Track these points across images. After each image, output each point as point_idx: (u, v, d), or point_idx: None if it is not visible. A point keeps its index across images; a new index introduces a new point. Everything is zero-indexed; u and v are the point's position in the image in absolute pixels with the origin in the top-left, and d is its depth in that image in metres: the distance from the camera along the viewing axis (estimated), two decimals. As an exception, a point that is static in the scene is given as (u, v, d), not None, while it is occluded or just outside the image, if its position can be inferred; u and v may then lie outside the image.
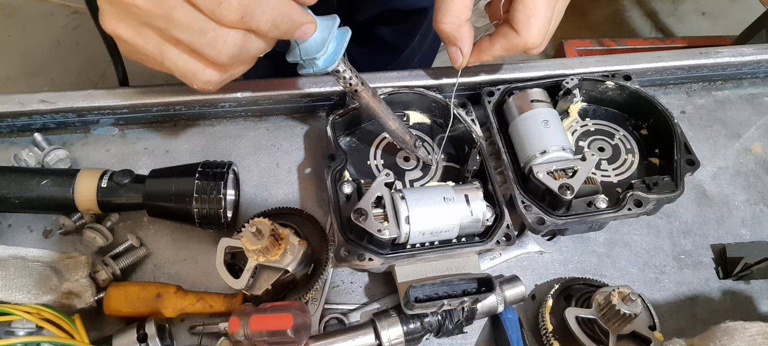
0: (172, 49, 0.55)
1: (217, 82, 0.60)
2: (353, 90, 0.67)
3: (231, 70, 0.60)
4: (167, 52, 0.55)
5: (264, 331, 0.57)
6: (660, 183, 0.73)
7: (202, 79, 0.58)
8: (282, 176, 0.82)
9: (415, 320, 0.65)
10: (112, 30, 0.55)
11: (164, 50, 0.55)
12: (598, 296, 0.67)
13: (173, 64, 0.56)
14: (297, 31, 0.58)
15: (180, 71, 0.57)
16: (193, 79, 0.58)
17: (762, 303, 0.76)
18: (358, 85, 0.66)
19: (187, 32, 0.53)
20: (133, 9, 0.52)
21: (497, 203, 0.71)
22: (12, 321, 0.61)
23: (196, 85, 0.59)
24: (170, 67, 0.57)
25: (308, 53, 0.61)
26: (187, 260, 0.74)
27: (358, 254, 0.65)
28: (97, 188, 0.69)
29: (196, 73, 0.57)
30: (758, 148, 0.90)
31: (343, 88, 0.67)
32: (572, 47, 2.32)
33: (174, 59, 0.56)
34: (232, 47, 0.54)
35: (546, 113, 0.78)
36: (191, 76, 0.58)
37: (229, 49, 0.54)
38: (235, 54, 0.55)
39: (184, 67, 0.57)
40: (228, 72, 0.60)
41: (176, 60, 0.56)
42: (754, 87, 0.98)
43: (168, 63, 0.56)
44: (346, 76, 0.65)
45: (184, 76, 0.58)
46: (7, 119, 0.79)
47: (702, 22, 2.93)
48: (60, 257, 0.68)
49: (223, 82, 0.60)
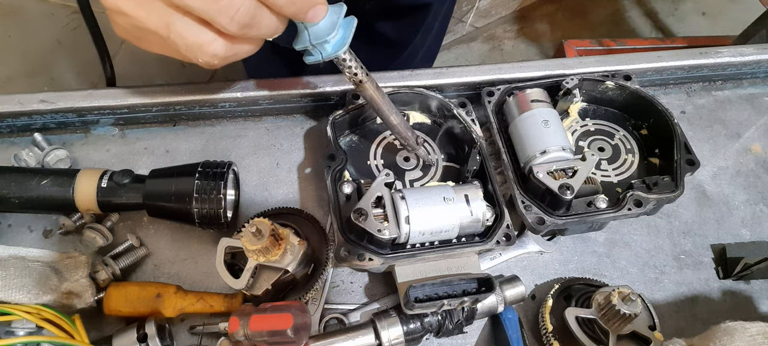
0: (179, 20, 0.53)
1: (223, 57, 0.58)
2: (359, 80, 0.67)
3: (238, 46, 0.58)
4: (174, 23, 0.53)
5: (264, 331, 0.57)
6: (660, 183, 0.73)
7: (208, 52, 0.56)
8: (282, 176, 0.82)
9: (415, 320, 0.65)
10: (113, 2, 0.53)
11: (170, 22, 0.53)
12: (598, 296, 0.67)
13: (179, 36, 0.54)
14: (310, 11, 0.57)
15: (187, 43, 0.55)
16: (198, 52, 0.56)
17: (762, 303, 0.76)
18: (363, 76, 0.67)
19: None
20: None
21: (497, 203, 0.71)
22: (12, 321, 0.61)
23: (202, 58, 0.57)
24: (176, 40, 0.54)
25: (318, 37, 0.61)
26: (187, 260, 0.74)
27: (358, 254, 0.65)
28: (97, 188, 0.68)
29: (203, 45, 0.55)
30: (758, 148, 0.90)
31: (348, 78, 0.67)
32: (572, 47, 2.31)
33: (181, 30, 0.54)
34: (244, 16, 0.53)
35: (546, 113, 0.78)
36: (197, 50, 0.56)
37: (242, 16, 0.53)
38: (247, 23, 0.54)
39: (192, 38, 0.54)
40: (235, 47, 0.58)
41: (183, 31, 0.54)
42: (754, 87, 0.98)
43: (174, 36, 0.54)
44: (352, 65, 0.65)
45: (191, 49, 0.55)
46: (7, 119, 0.79)
47: (702, 22, 2.92)
48: (60, 257, 0.68)
49: (227, 59, 0.59)
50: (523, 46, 2.78)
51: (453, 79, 0.85)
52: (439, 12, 1.25)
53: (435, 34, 1.36)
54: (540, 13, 2.88)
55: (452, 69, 0.86)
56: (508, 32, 2.82)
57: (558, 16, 2.87)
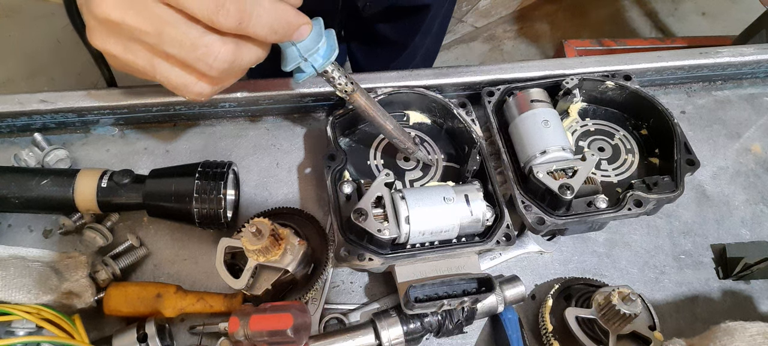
0: (163, 63, 0.56)
1: (210, 94, 0.60)
2: (349, 91, 0.67)
3: (223, 82, 0.61)
4: (158, 66, 0.56)
5: (264, 331, 0.57)
6: (660, 183, 0.73)
7: (194, 92, 0.59)
8: (282, 176, 0.82)
9: (415, 320, 0.65)
10: (101, 47, 0.56)
11: (155, 64, 0.56)
12: (598, 296, 0.67)
13: (165, 78, 0.57)
14: (295, 33, 0.59)
15: (172, 84, 0.58)
16: (185, 91, 0.58)
17: (762, 303, 0.76)
18: (351, 87, 0.67)
19: (177, 47, 0.53)
20: (122, 27, 0.52)
21: (497, 203, 0.71)
22: (12, 321, 0.61)
23: (189, 97, 0.59)
24: (162, 81, 0.57)
25: (307, 49, 0.62)
26: (187, 260, 0.74)
27: (358, 254, 0.65)
28: (97, 187, 0.68)
29: (188, 85, 0.58)
30: (758, 148, 0.90)
31: (338, 92, 0.67)
32: (572, 47, 2.32)
33: (166, 73, 0.56)
34: (223, 62, 0.55)
35: (546, 113, 0.78)
36: (183, 89, 0.58)
37: (221, 63, 0.55)
38: (226, 68, 0.56)
39: (177, 80, 0.57)
40: (220, 84, 0.60)
41: (168, 74, 0.57)
42: (754, 87, 0.98)
43: (160, 77, 0.57)
44: (338, 75, 0.66)
45: (176, 89, 0.58)
46: (7, 119, 0.79)
47: (702, 22, 2.92)
48: (60, 257, 0.68)
49: (215, 92, 0.61)
50: (523, 46, 2.79)
51: (453, 79, 0.85)
52: (439, 13, 1.25)
53: (434, 34, 1.36)
54: (540, 13, 2.88)
55: (452, 69, 0.86)
56: (508, 32, 2.82)
57: (558, 16, 2.88)
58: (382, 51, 1.33)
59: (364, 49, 1.35)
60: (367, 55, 1.36)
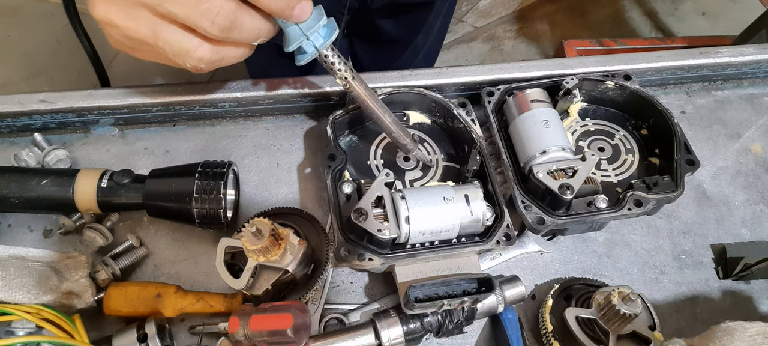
0: (166, 28, 0.56)
1: (209, 62, 0.60)
2: (347, 79, 0.68)
3: (224, 50, 0.61)
4: (161, 32, 0.56)
5: (264, 331, 0.57)
6: (660, 183, 0.73)
7: (195, 57, 0.59)
8: (282, 176, 0.82)
9: (415, 320, 0.65)
10: (104, 15, 0.56)
11: (158, 30, 0.56)
12: (598, 296, 0.67)
13: (167, 43, 0.57)
14: (297, 8, 0.59)
15: (174, 50, 0.58)
16: (186, 57, 0.58)
17: (762, 303, 0.76)
18: (350, 75, 0.68)
19: (181, 5, 0.54)
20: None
21: (497, 203, 0.71)
22: (12, 321, 0.61)
23: (189, 63, 0.59)
24: (164, 47, 0.57)
25: (308, 27, 0.63)
26: (187, 260, 0.74)
27: (358, 254, 0.65)
28: (97, 187, 0.68)
29: (189, 50, 0.58)
30: (758, 148, 0.90)
31: (338, 80, 0.68)
32: (572, 47, 2.32)
33: (168, 38, 0.57)
34: (224, 19, 0.55)
35: (546, 113, 0.78)
36: (184, 55, 0.58)
37: (222, 20, 0.55)
38: (228, 26, 0.56)
39: (179, 45, 0.57)
40: (221, 52, 0.60)
41: (170, 38, 0.57)
42: (754, 87, 0.98)
43: (162, 43, 0.57)
44: (337, 61, 0.67)
45: (178, 55, 0.58)
46: (7, 119, 0.79)
47: (702, 22, 2.92)
48: (60, 257, 0.68)
49: (214, 63, 0.61)
50: (523, 46, 2.79)
51: (453, 79, 0.85)
52: (441, 10, 1.26)
53: (436, 33, 1.36)
54: (540, 13, 2.88)
55: (452, 69, 0.86)
56: (508, 32, 2.82)
57: (558, 16, 2.88)
58: (384, 50, 1.33)
59: (366, 47, 1.36)
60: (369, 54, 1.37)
